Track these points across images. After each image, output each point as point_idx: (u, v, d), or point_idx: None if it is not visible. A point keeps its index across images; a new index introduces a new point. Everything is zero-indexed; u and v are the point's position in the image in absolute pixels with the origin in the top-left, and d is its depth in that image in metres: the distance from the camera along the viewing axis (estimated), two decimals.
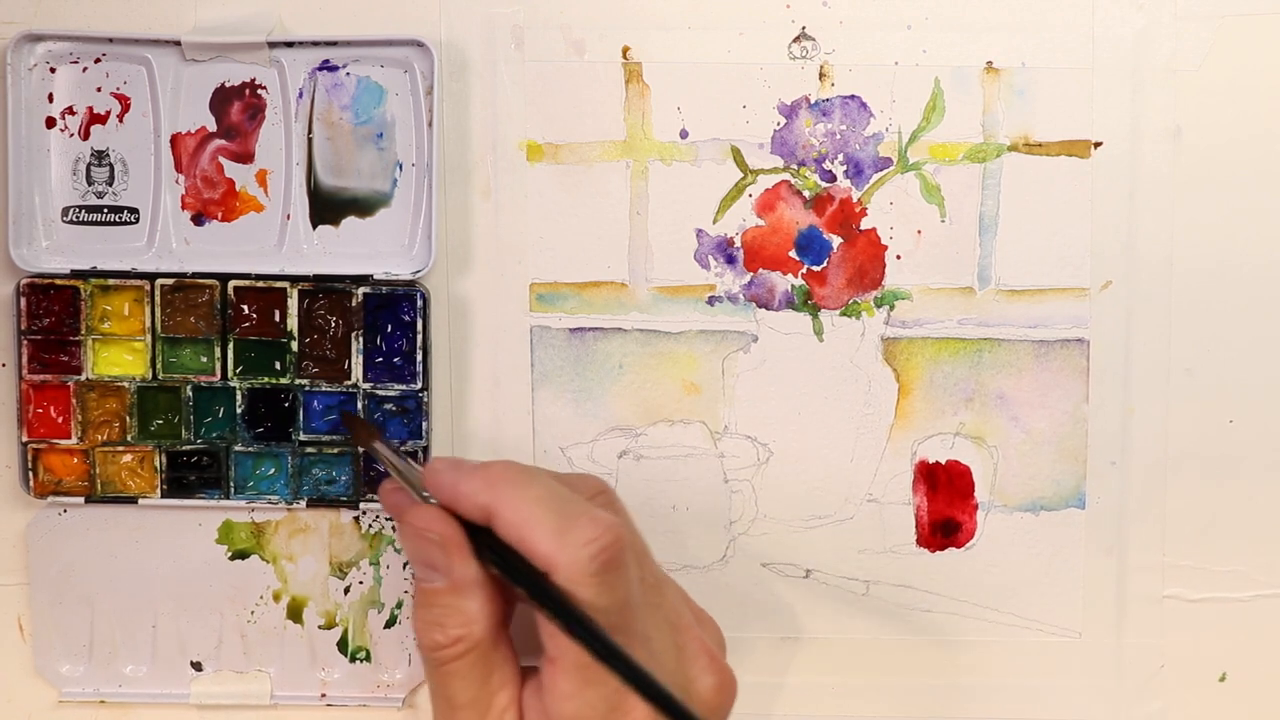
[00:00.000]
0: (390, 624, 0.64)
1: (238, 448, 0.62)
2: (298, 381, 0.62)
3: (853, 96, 0.61)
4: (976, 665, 0.64)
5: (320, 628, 0.64)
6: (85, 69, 0.61)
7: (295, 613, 0.64)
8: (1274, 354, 0.62)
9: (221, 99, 0.61)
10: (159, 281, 0.61)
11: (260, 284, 0.61)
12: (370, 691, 0.64)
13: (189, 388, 0.62)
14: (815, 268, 0.62)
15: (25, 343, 0.61)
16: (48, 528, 0.63)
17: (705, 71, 0.61)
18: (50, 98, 0.61)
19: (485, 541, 0.51)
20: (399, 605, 0.64)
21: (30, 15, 0.61)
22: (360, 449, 0.61)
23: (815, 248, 0.62)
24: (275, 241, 0.62)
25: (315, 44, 0.61)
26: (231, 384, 0.62)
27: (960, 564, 0.63)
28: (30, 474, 0.62)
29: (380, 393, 0.62)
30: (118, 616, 0.64)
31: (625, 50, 0.61)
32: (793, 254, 0.62)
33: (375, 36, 0.61)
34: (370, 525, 0.63)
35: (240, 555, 0.63)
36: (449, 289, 0.62)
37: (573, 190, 0.62)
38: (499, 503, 0.49)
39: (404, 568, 0.63)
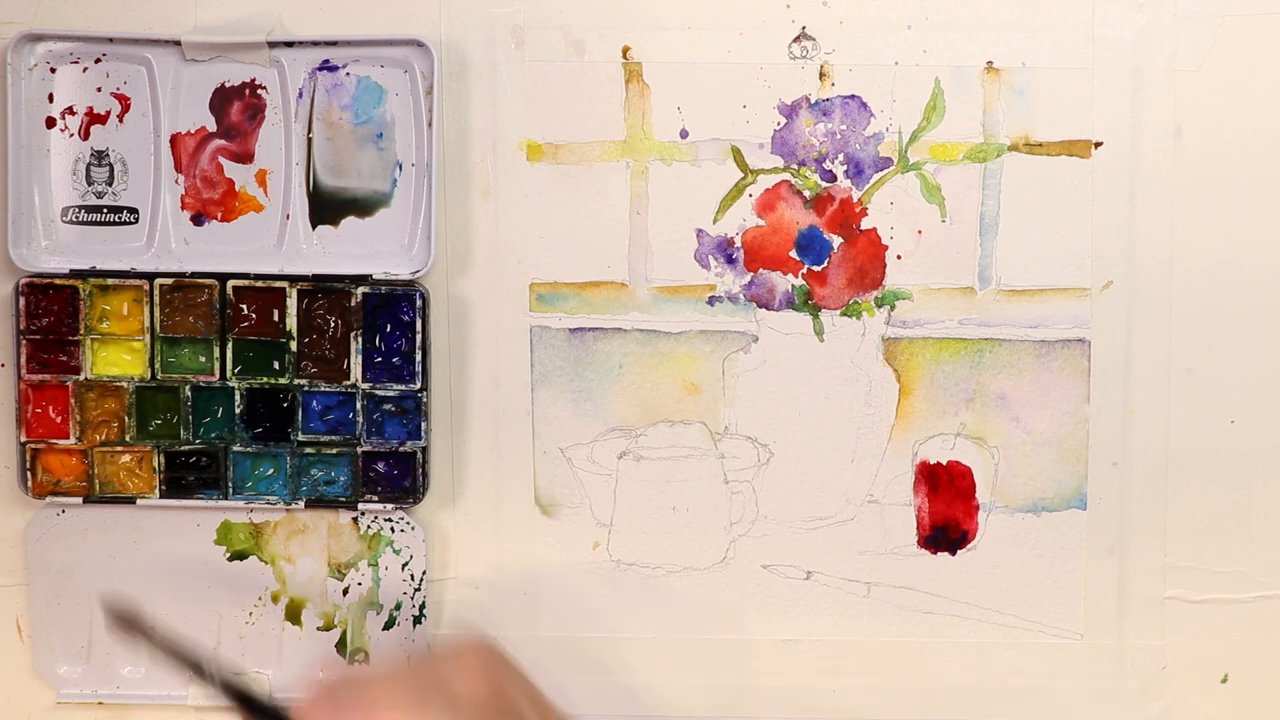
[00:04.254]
0: (389, 626, 0.64)
1: (236, 448, 0.62)
2: (296, 381, 0.62)
3: (853, 96, 0.61)
4: (977, 667, 0.63)
5: (319, 629, 0.64)
6: (85, 69, 0.61)
7: (294, 614, 0.64)
8: (1274, 354, 0.62)
9: (221, 99, 0.61)
10: (158, 281, 0.61)
11: (259, 284, 0.61)
12: None
13: (188, 388, 0.62)
14: (815, 268, 0.62)
15: (24, 342, 0.61)
16: (46, 528, 0.63)
17: (705, 71, 0.61)
18: (50, 98, 0.61)
19: None
20: (398, 607, 0.63)
21: (30, 15, 0.62)
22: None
23: (815, 248, 0.62)
24: (275, 241, 0.62)
25: (315, 44, 0.61)
26: (230, 384, 0.62)
27: (961, 565, 0.63)
28: (29, 474, 0.62)
29: (380, 393, 0.62)
30: None
31: (625, 50, 0.61)
32: (793, 254, 0.62)
33: (375, 36, 0.61)
34: (369, 526, 0.63)
35: (239, 556, 0.63)
36: (449, 289, 0.62)
37: (573, 190, 0.62)
38: None
39: (402, 569, 0.63)
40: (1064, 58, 0.61)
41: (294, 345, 0.62)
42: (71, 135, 0.62)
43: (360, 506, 0.63)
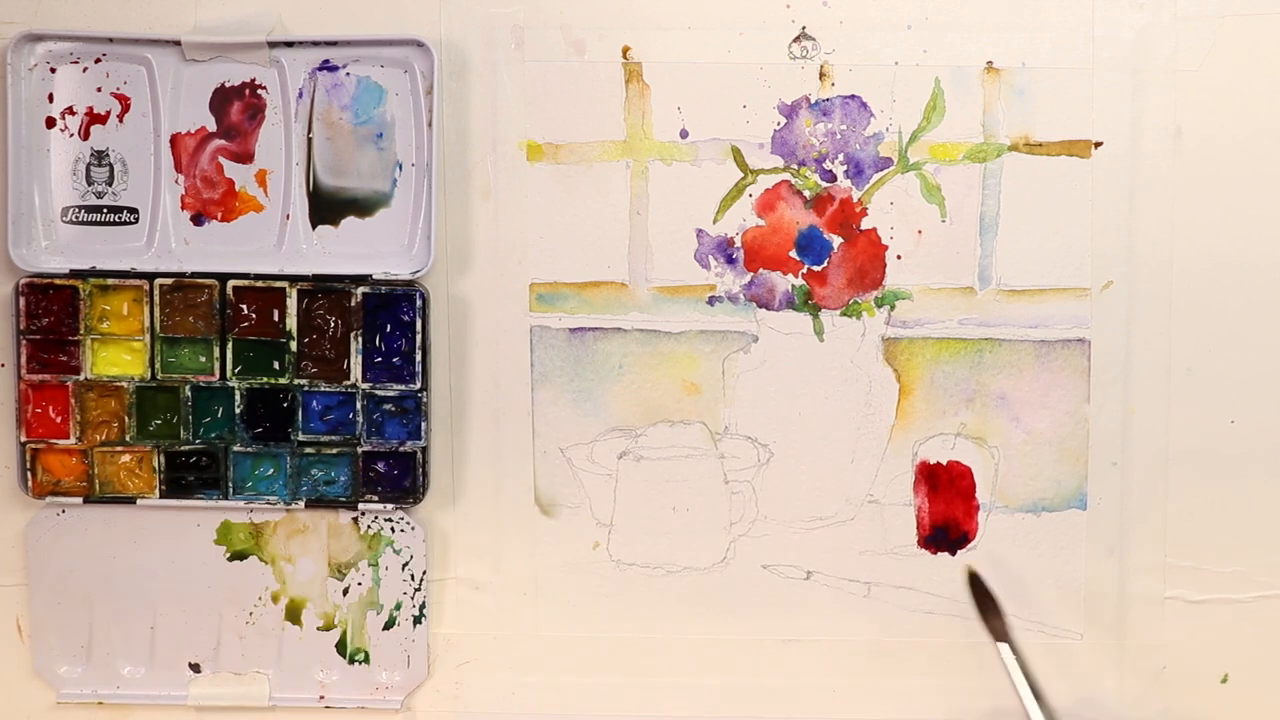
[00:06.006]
0: (389, 626, 0.64)
1: (236, 448, 0.62)
2: (297, 381, 0.62)
3: (853, 96, 0.61)
4: (977, 667, 0.63)
5: (319, 629, 0.64)
6: (85, 69, 0.61)
7: (294, 614, 0.64)
8: (1274, 354, 0.62)
9: (221, 99, 0.61)
10: (158, 281, 0.61)
11: (259, 284, 0.61)
12: (369, 693, 0.64)
13: (188, 388, 0.62)
14: (815, 268, 0.62)
15: (24, 342, 0.61)
16: (46, 528, 0.63)
17: (705, 71, 0.61)
18: (50, 98, 0.61)
19: None
20: (398, 607, 0.63)
21: (30, 15, 0.62)
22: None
23: (815, 248, 0.62)
24: (275, 241, 0.62)
25: (315, 44, 0.61)
26: (230, 384, 0.62)
27: (961, 565, 0.63)
28: (29, 474, 0.62)
29: (380, 393, 0.62)
30: (116, 617, 0.63)
31: (625, 50, 0.61)
32: (793, 254, 0.62)
33: (375, 36, 0.61)
34: (369, 526, 0.63)
35: (239, 556, 0.63)
36: (449, 289, 0.62)
37: (573, 190, 0.62)
38: None
39: (403, 569, 0.63)
40: (1064, 58, 0.61)
41: (294, 345, 0.62)
42: (71, 135, 0.62)
43: (360, 506, 0.63)
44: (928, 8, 0.61)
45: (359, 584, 0.63)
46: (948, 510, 0.63)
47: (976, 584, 0.62)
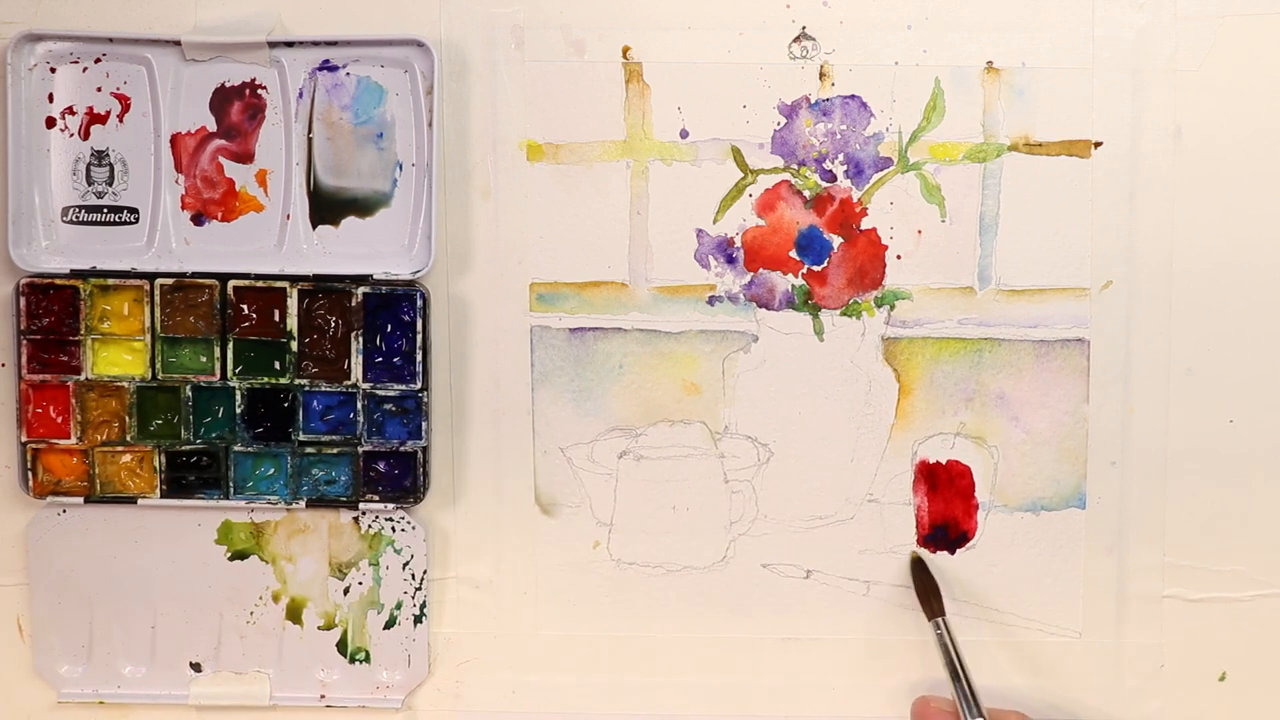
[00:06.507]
0: (389, 625, 0.64)
1: (237, 448, 0.62)
2: (297, 381, 0.62)
3: (853, 96, 0.61)
4: (977, 665, 0.63)
5: (319, 629, 0.64)
6: (85, 69, 0.61)
7: (294, 613, 0.64)
8: (1274, 354, 0.62)
9: (221, 99, 0.61)
10: (159, 281, 0.61)
11: (260, 284, 0.61)
12: (369, 693, 0.64)
13: (188, 388, 0.62)
14: (815, 268, 0.62)
15: (25, 343, 0.61)
16: (47, 528, 0.63)
17: (705, 71, 0.61)
18: (50, 98, 0.61)
19: None
20: (398, 606, 0.64)
21: (30, 15, 0.61)
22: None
23: (815, 248, 0.62)
24: (275, 241, 0.62)
25: (315, 44, 0.61)
26: (231, 384, 0.62)
27: (961, 564, 0.63)
28: (30, 474, 0.62)
29: (380, 393, 0.62)
30: (117, 617, 0.64)
31: (625, 50, 0.61)
32: (793, 254, 0.62)
33: (375, 36, 0.61)
34: (370, 526, 0.63)
35: (239, 556, 0.63)
36: (449, 289, 0.62)
37: (573, 190, 0.62)
38: None
39: (403, 568, 0.63)
40: (1064, 58, 0.61)
41: (294, 345, 0.62)
42: (71, 135, 0.62)
43: (361, 506, 0.63)
44: (928, 8, 0.61)
45: (360, 583, 0.64)
46: (947, 509, 0.63)
47: (919, 567, 0.63)
